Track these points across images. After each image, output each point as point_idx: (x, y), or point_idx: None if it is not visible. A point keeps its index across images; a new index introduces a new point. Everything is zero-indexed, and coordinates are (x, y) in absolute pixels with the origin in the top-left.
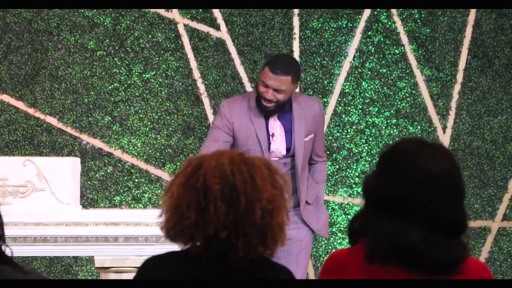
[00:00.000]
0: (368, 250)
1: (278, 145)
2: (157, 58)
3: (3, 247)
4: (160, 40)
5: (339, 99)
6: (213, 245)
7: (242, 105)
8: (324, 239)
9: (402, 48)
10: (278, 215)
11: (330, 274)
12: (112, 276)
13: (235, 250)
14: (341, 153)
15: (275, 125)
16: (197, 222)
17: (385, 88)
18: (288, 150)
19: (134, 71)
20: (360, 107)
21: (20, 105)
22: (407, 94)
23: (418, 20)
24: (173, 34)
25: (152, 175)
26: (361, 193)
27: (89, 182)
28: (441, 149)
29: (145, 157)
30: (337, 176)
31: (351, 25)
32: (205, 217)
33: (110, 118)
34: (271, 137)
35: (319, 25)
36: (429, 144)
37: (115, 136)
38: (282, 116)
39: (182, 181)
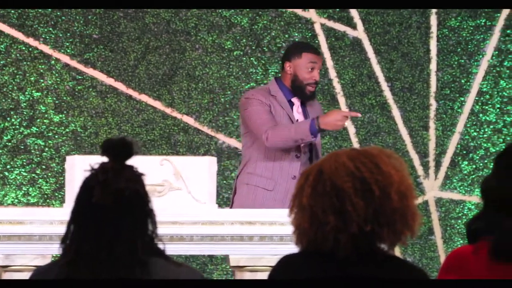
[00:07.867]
0: (494, 248)
1: None
2: None
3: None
4: (296, 39)
5: (476, 98)
6: (360, 242)
7: (266, 94)
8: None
9: None
10: (411, 194)
11: (451, 271)
12: (247, 275)
13: (381, 241)
14: (478, 152)
15: (299, 113)
16: (337, 224)
17: None
18: None
19: (270, 70)
20: (498, 106)
21: (158, 104)
22: None
23: None
24: (310, 34)
25: None
26: (479, 194)
27: (224, 182)
28: None
29: None
30: (473, 176)
31: (489, 23)
32: (345, 218)
33: None
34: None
35: (457, 23)
36: None
37: None
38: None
39: (309, 192)
